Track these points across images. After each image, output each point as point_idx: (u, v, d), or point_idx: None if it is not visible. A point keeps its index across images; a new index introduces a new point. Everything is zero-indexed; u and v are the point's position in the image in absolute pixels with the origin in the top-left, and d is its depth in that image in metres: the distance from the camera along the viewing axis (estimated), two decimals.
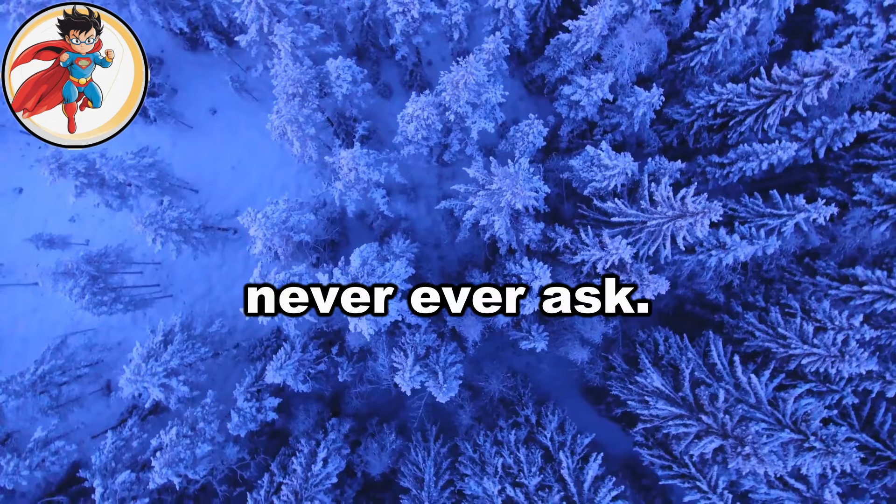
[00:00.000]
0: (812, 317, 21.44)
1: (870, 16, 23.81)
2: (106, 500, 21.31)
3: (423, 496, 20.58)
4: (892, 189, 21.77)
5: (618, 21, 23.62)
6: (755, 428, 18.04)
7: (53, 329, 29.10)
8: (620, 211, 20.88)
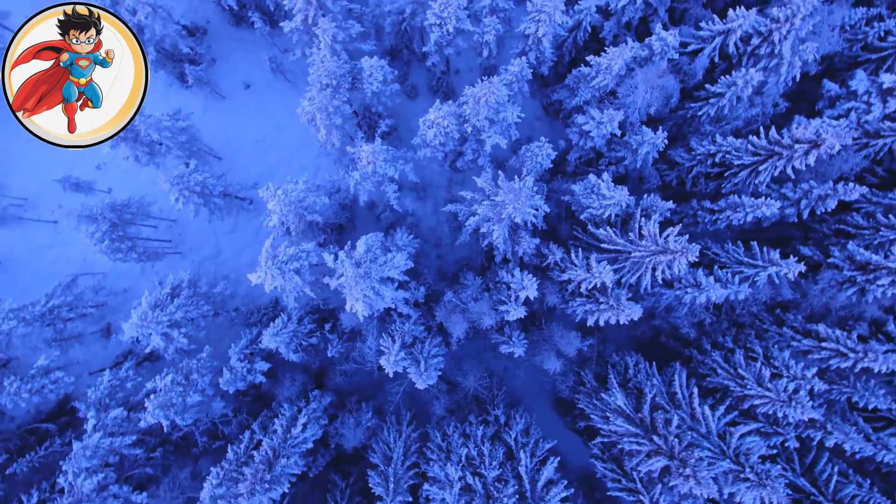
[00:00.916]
0: (771, 363, 23.34)
1: (870, 94, 25.76)
2: (97, 431, 23.11)
3: (390, 472, 22.44)
4: (864, 258, 23.68)
5: (637, 63, 25.57)
6: (700, 454, 19.94)
7: (66, 267, 30.91)
8: (611, 239, 22.80)
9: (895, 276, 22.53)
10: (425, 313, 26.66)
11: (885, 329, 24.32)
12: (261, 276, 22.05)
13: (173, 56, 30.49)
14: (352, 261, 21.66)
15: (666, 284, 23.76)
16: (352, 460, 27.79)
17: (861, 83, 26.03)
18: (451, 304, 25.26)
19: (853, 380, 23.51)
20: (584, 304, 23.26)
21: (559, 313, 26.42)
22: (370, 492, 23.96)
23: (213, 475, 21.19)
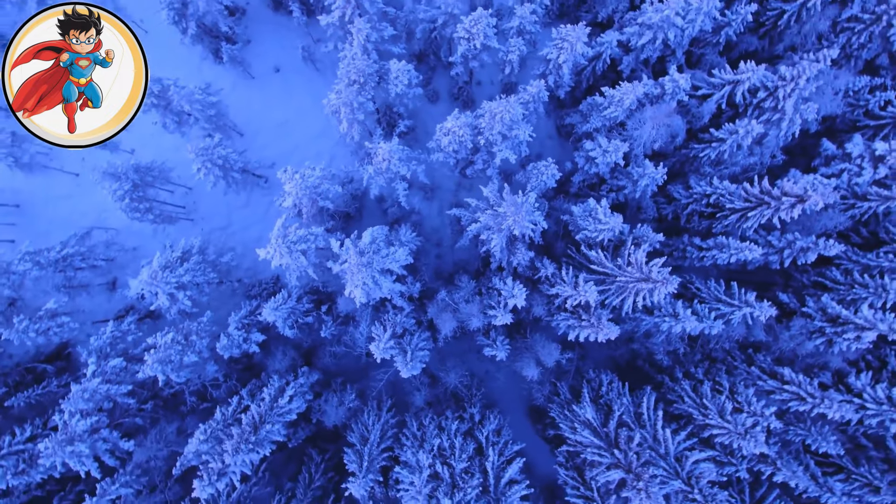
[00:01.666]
0: (735, 398, 25.02)
1: (863, 158, 27.53)
2: (96, 377, 24.70)
3: (365, 451, 24.08)
4: (835, 311, 25.40)
5: (648, 99, 27.30)
6: (655, 471, 21.61)
7: (81, 219, 32.53)
8: (601, 262, 24.48)
9: (861, 332, 24.24)
10: (418, 308, 28.30)
11: (847, 381, 26.01)
12: (270, 252, 23.71)
13: (212, 32, 32.16)
14: (356, 249, 23.29)
15: (647, 311, 25.44)
16: (330, 438, 29.43)
17: (857, 147, 27.79)
18: (444, 303, 26.92)
19: (809, 424, 25.19)
20: (567, 319, 24.94)
21: (544, 325, 28.07)
22: (343, 468, 25.63)
23: (200, 431, 22.81)
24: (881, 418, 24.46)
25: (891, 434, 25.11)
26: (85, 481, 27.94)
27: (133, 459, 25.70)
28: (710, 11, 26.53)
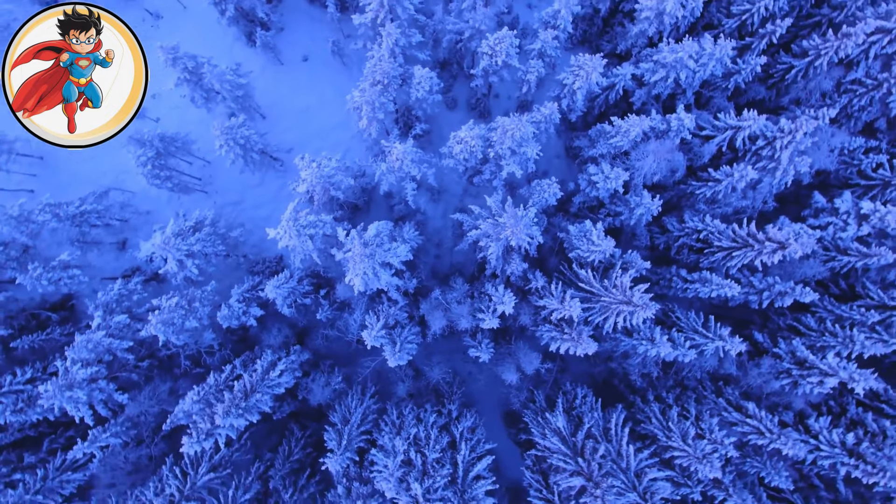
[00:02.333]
0: (699, 425, 26.68)
1: (849, 215, 29.24)
2: (101, 330, 26.31)
3: (345, 431, 25.69)
4: (803, 355, 27.10)
5: (654, 133, 28.98)
6: (613, 482, 23.26)
7: (100, 178, 34.13)
8: (589, 281, 26.16)
9: (824, 377, 25.93)
10: (411, 303, 29.96)
11: (807, 422, 27.70)
12: (279, 232, 25.34)
13: (248, 16, 33.84)
14: (361, 240, 24.92)
15: (626, 332, 27.12)
16: (313, 416, 31.05)
17: (845, 203, 29.52)
18: (437, 301, 28.58)
19: (765, 457, 26.85)
20: (550, 331, 26.61)
21: (529, 334, 29.73)
22: (322, 446, 27.21)
23: (194, 392, 24.44)
24: (833, 461, 26.14)
25: (841, 477, 26.76)
26: (75, 428, 29.63)
27: (125, 412, 27.28)
28: (722, 58, 28.23)
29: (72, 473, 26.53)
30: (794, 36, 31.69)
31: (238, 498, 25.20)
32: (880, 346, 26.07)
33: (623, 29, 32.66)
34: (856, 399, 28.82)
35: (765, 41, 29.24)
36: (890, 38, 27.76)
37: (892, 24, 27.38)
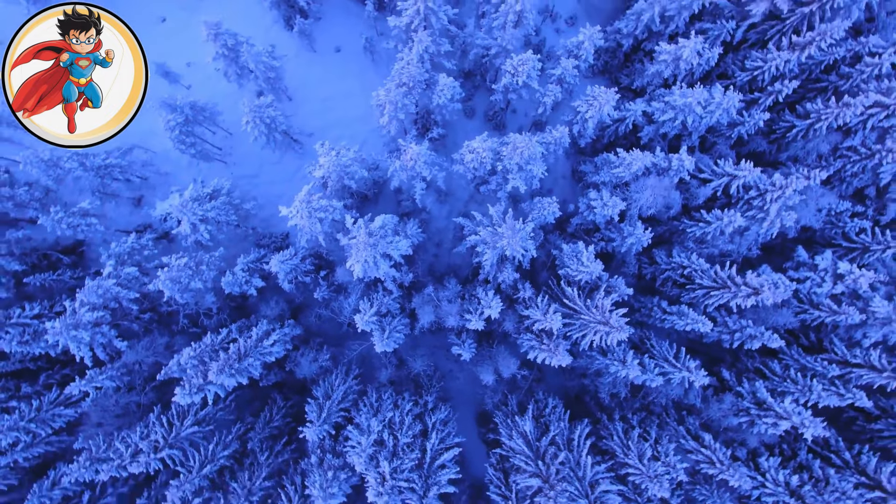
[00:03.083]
0: (657, 448, 28.67)
1: (826, 272, 31.29)
2: (111, 278, 28.20)
3: (325, 406, 27.63)
4: (763, 397, 29.13)
5: (655, 169, 31.00)
6: (568, 488, 25.25)
7: (126, 135, 35.70)
8: (573, 299, 28.17)
9: (778, 420, 27.96)
10: (405, 296, 31.93)
11: (758, 460, 29.72)
12: (291, 212, 27.31)
13: (289, 2, 35.84)
14: (366, 230, 26.89)
15: (601, 352, 29.13)
16: (296, 388, 32.99)
17: (825, 261, 31.58)
18: (429, 297, 30.55)
19: (714, 487, 28.85)
20: (531, 340, 28.60)
21: (511, 340, 31.71)
22: (301, 418, 29.11)
23: (191, 348, 26.38)
24: (776, 499, 28.19)
25: None
26: (71, 367, 31.54)
27: (122, 359, 29.16)
28: (728, 109, 30.28)
29: (64, 408, 28.42)
30: (801, 97, 33.78)
31: (217, 453, 27.10)
32: (835, 399, 28.10)
33: (642, 66, 34.71)
34: (807, 446, 30.83)
35: (771, 98, 31.32)
36: (887, 113, 29.86)
37: (891, 100, 29.48)
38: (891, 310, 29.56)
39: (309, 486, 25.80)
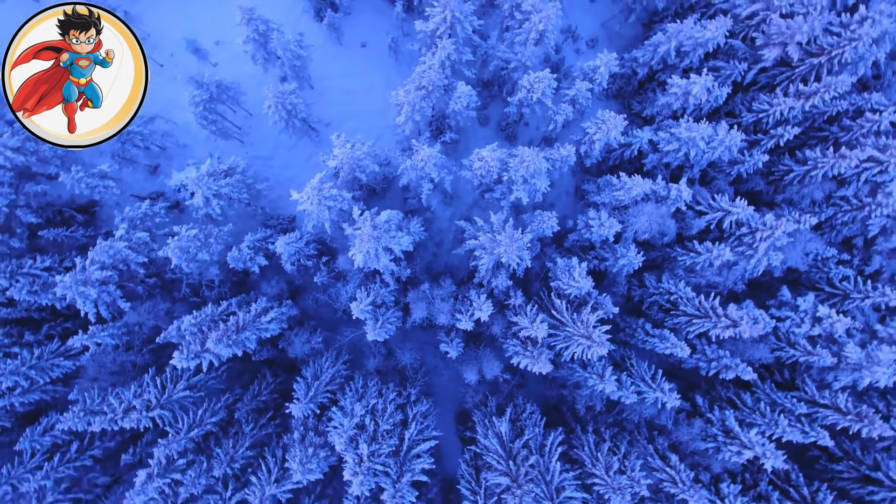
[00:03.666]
0: (624, 462, 30.17)
1: (806, 314, 32.81)
2: (122, 241, 29.60)
3: (313, 385, 29.09)
4: (731, 426, 30.64)
5: (654, 196, 32.52)
6: (534, 488, 26.74)
7: (150, 104, 36.72)
8: (561, 311, 29.67)
9: (742, 449, 29.48)
10: (400, 290, 33.40)
11: (720, 485, 31.23)
12: (302, 197, 28.81)
13: None
14: (372, 222, 28.38)
15: (582, 365, 30.64)
16: (286, 367, 34.46)
17: (806, 303, 33.12)
18: (423, 294, 32.04)
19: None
20: (516, 346, 30.10)
21: (497, 344, 33.19)
22: (288, 395, 30.57)
23: (192, 316, 27.82)
24: None
25: None
26: (73, 320, 32.99)
27: (123, 319, 30.60)
28: (730, 147, 31.82)
29: (63, 360, 29.86)
30: (803, 143, 35.35)
31: (205, 419, 28.55)
32: (799, 434, 29.63)
33: (654, 96, 36.24)
34: (768, 477, 32.35)
35: (773, 141, 32.85)
36: (881, 169, 31.41)
37: (885, 157, 31.03)
38: (862, 357, 31.08)
39: (289, 460, 27.25)
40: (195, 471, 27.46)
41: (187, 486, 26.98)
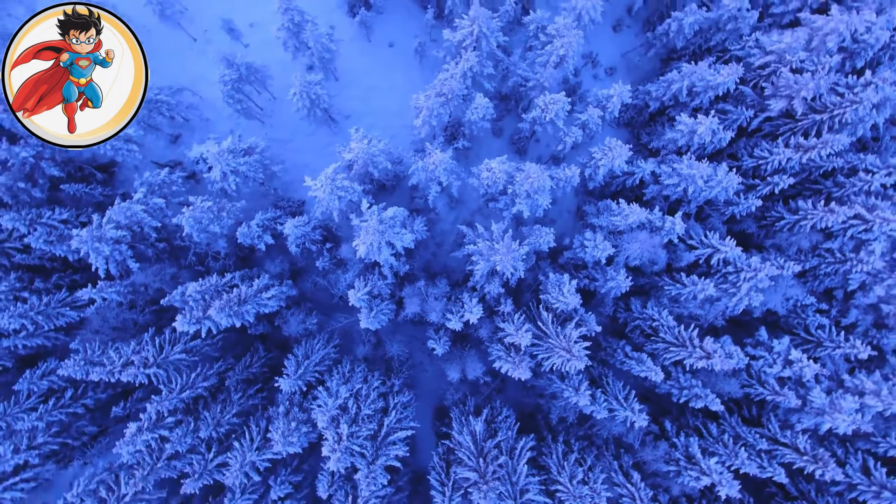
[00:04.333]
0: (588, 474, 31.98)
1: (779, 356, 34.63)
2: (140, 204, 31.27)
3: (303, 364, 30.83)
4: (693, 452, 32.45)
5: (649, 225, 34.30)
6: (499, 486, 28.51)
7: (179, 76, 39.15)
8: (547, 323, 31.45)
9: (701, 475, 31.29)
10: (397, 284, 35.15)
11: None
12: (316, 184, 30.52)
13: None
14: (378, 216, 30.11)
15: (560, 377, 32.42)
16: (279, 344, 36.19)
17: (781, 346, 34.95)
18: (418, 291, 33.81)
19: None
20: (499, 351, 31.88)
21: (482, 347, 34.99)
22: (278, 370, 32.27)
23: (197, 283, 29.53)
24: None
25: None
26: (82, 274, 34.69)
27: (131, 278, 32.31)
28: (727, 188, 33.63)
29: (69, 310, 31.53)
30: (798, 193, 37.23)
31: (197, 382, 30.27)
32: (755, 468, 31.47)
33: (662, 129, 38.07)
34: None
35: (769, 188, 34.69)
36: (866, 227, 33.26)
37: (871, 216, 32.90)
38: (826, 403, 32.91)
39: (272, 431, 28.97)
40: (182, 430, 29.18)
41: (173, 443, 28.69)
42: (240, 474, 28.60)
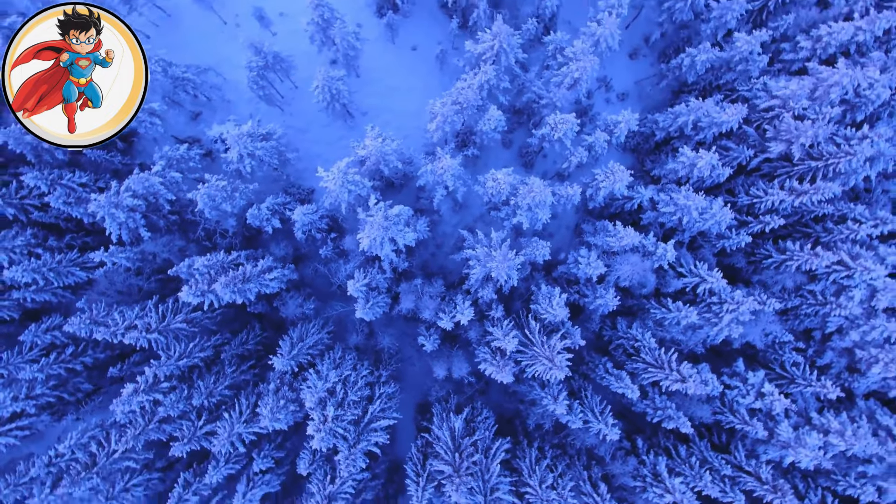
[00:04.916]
0: (558, 480, 33.62)
1: (752, 388, 36.32)
2: (157, 176, 32.84)
3: (297, 346, 32.43)
4: (660, 470, 34.12)
5: (642, 249, 35.95)
6: (471, 481, 30.15)
7: (206, 56, 40.81)
8: (534, 332, 33.11)
9: (665, 493, 32.95)
10: (395, 279, 36.79)
11: None
12: (328, 175, 32.12)
13: None
14: (384, 213, 31.74)
15: (541, 384, 34.07)
16: (275, 324, 37.79)
17: (756, 378, 36.64)
18: (415, 288, 35.44)
19: None
20: (485, 354, 33.52)
21: (470, 349, 36.61)
22: (272, 349, 33.94)
23: (205, 258, 31.14)
24: None
25: None
26: (93, 237, 36.25)
27: (141, 246, 33.89)
28: (720, 222, 35.34)
29: (79, 270, 33.10)
30: (788, 234, 38.95)
31: (194, 352, 31.85)
32: (717, 492, 33.19)
33: (665, 159, 39.77)
34: None
35: (760, 226, 36.40)
36: (847, 274, 34.99)
37: (854, 264, 34.64)
38: (792, 437, 34.61)
39: (261, 406, 30.57)
40: (176, 396, 30.76)
41: (166, 407, 30.27)
42: (227, 443, 30.20)
